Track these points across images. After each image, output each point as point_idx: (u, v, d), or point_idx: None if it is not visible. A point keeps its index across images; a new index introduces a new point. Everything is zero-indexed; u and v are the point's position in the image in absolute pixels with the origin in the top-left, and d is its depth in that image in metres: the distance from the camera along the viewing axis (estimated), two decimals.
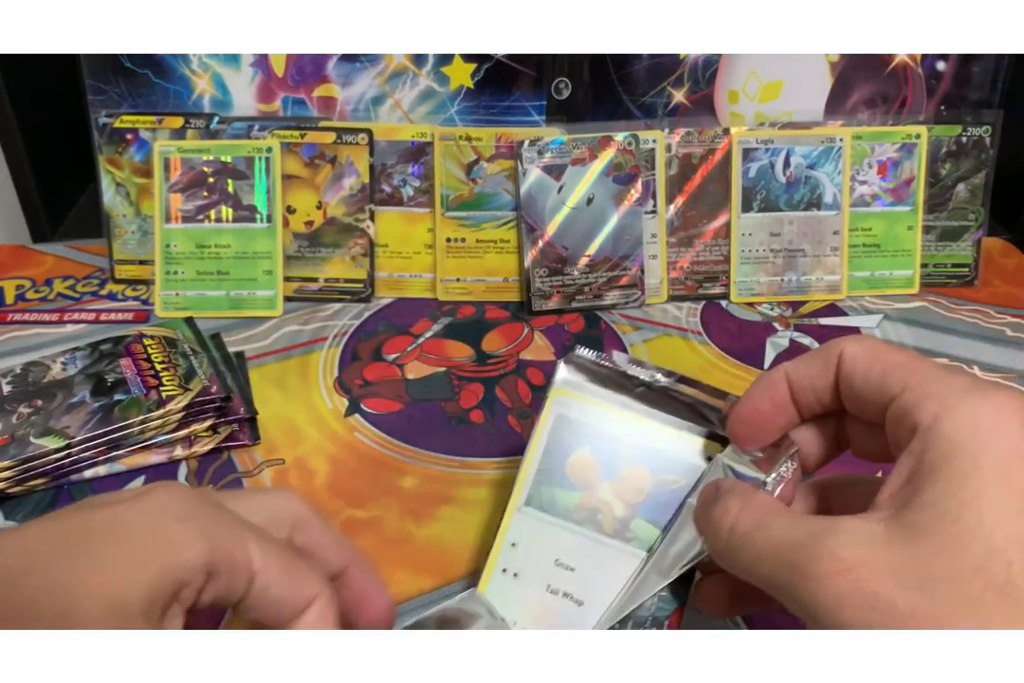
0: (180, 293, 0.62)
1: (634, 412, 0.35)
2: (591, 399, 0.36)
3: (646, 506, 0.34)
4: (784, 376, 0.30)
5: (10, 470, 0.45)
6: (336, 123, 0.64)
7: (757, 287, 0.64)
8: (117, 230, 0.64)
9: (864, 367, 0.28)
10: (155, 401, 0.48)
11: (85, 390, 0.49)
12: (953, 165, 0.65)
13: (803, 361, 0.30)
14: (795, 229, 0.64)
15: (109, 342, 0.53)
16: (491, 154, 0.62)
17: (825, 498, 0.33)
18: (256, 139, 0.62)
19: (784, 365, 0.30)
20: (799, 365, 0.30)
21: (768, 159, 0.63)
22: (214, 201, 0.62)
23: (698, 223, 0.64)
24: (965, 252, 0.67)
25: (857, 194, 0.65)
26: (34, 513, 0.45)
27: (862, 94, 0.67)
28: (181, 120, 0.62)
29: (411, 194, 0.63)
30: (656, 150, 0.62)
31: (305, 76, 0.64)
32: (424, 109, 0.65)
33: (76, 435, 0.46)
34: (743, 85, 0.66)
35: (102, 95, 0.63)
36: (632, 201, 0.62)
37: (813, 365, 0.29)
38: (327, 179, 0.63)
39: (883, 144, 0.64)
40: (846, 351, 0.28)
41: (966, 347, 0.60)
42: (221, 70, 0.63)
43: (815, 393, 0.30)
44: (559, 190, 0.62)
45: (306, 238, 0.63)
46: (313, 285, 0.63)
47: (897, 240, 0.65)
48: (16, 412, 0.47)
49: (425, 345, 0.59)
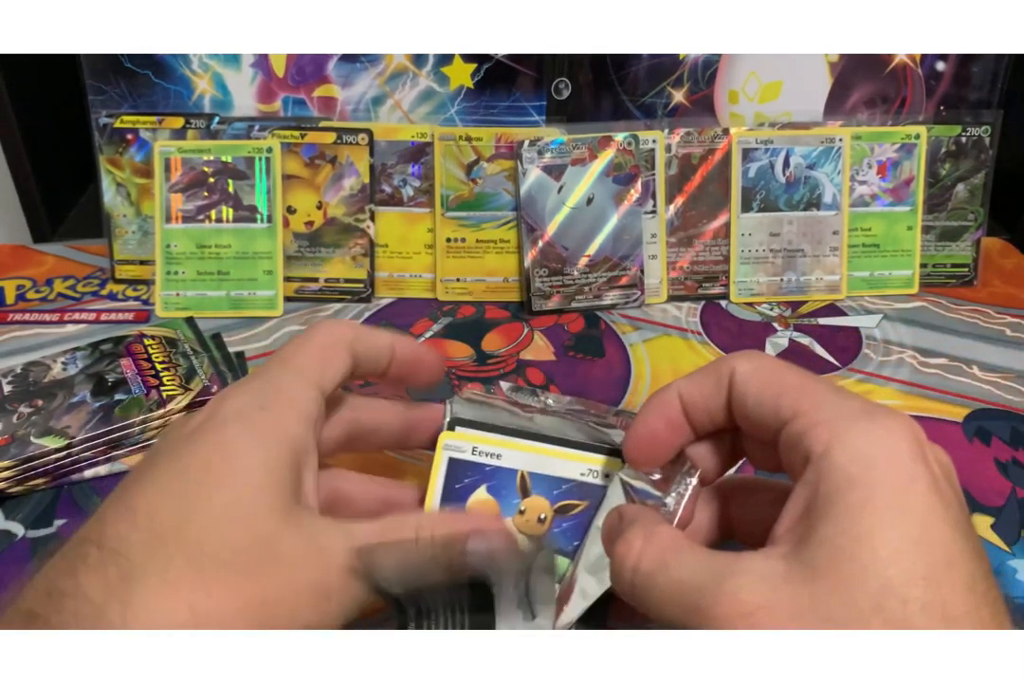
0: (180, 293, 0.62)
1: (527, 442, 0.35)
2: (482, 437, 0.35)
3: (551, 536, 0.34)
4: (677, 395, 0.30)
5: (10, 470, 0.45)
6: (336, 123, 0.64)
7: (757, 287, 0.64)
8: (117, 230, 0.64)
9: (756, 389, 0.27)
10: (156, 401, 0.48)
11: (86, 390, 0.49)
12: (953, 165, 0.65)
13: (695, 379, 0.30)
14: (795, 229, 0.64)
15: (110, 342, 0.53)
16: (491, 154, 0.62)
17: (726, 505, 0.32)
18: (256, 139, 0.62)
19: (676, 383, 0.30)
20: (691, 384, 0.30)
21: (768, 159, 0.63)
22: (214, 201, 0.62)
23: (698, 223, 0.64)
24: (965, 252, 0.67)
25: (857, 194, 0.65)
26: (35, 513, 0.45)
27: (862, 94, 0.67)
28: (181, 120, 0.62)
29: (411, 194, 0.64)
30: (656, 150, 0.62)
31: (305, 76, 0.64)
32: (424, 109, 0.65)
33: (76, 435, 0.46)
34: (743, 85, 0.66)
35: (102, 95, 0.63)
36: (632, 201, 0.62)
37: (705, 384, 0.29)
38: (327, 179, 0.63)
39: (883, 144, 0.64)
40: (737, 370, 0.28)
41: (966, 347, 0.60)
42: (221, 70, 0.63)
43: (708, 413, 0.29)
44: (559, 190, 0.62)
45: (306, 238, 0.63)
46: (313, 285, 0.63)
47: (897, 240, 0.65)
48: (16, 412, 0.47)
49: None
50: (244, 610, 0.23)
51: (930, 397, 0.55)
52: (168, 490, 0.25)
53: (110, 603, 0.22)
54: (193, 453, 0.26)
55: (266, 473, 0.25)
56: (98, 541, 0.24)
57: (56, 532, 0.44)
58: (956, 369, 0.58)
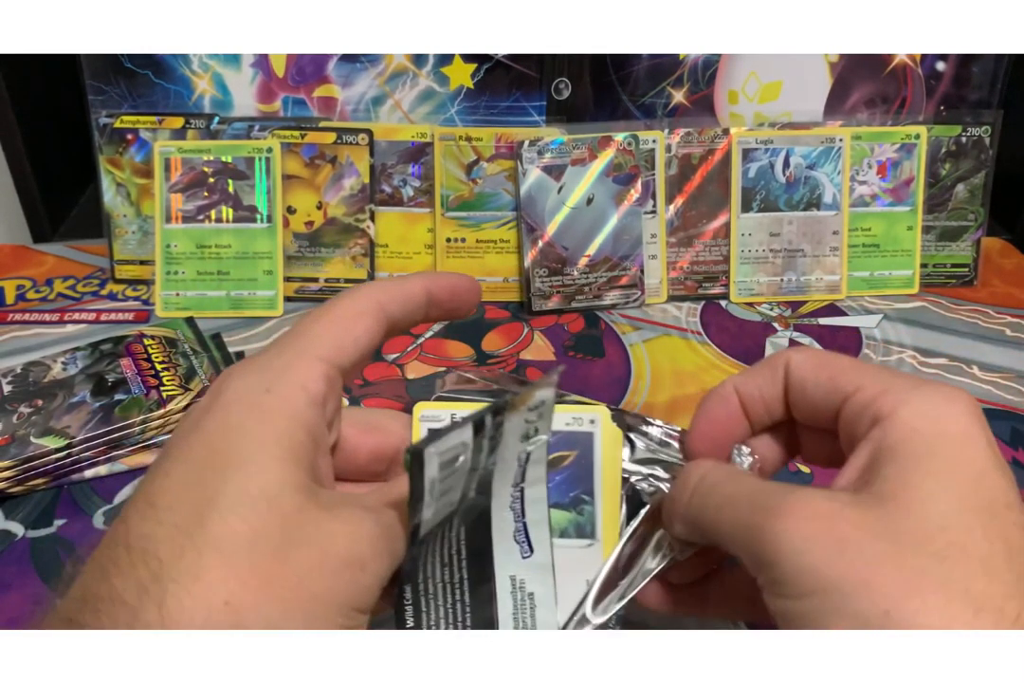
0: (180, 293, 0.62)
1: None
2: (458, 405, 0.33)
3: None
4: (734, 390, 0.31)
5: (10, 470, 0.45)
6: (336, 123, 0.64)
7: (757, 287, 0.64)
8: (117, 230, 0.64)
9: (813, 373, 0.29)
10: (156, 401, 0.48)
11: (85, 390, 0.49)
12: (953, 165, 0.65)
13: (751, 374, 0.31)
14: (795, 229, 0.64)
15: (109, 342, 0.53)
16: (491, 154, 0.62)
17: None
18: (256, 139, 0.62)
19: (732, 379, 0.31)
20: (747, 378, 0.31)
21: (768, 159, 0.63)
22: (214, 201, 0.62)
23: (698, 223, 0.64)
24: (965, 252, 0.67)
25: (857, 194, 0.65)
26: (35, 513, 0.45)
27: (862, 94, 0.67)
28: (181, 120, 0.62)
29: (411, 194, 0.64)
30: (656, 150, 0.62)
31: (305, 76, 0.64)
32: (424, 109, 0.65)
33: (76, 435, 0.46)
34: (743, 85, 0.66)
35: (102, 95, 0.63)
36: (632, 201, 0.62)
37: (761, 376, 0.30)
38: (327, 179, 0.63)
39: (883, 144, 0.64)
40: (792, 360, 0.29)
41: (966, 347, 0.60)
42: (221, 70, 0.63)
43: (765, 404, 0.30)
44: (559, 190, 0.62)
45: (306, 238, 0.63)
46: (313, 285, 0.63)
47: (897, 240, 0.65)
48: (16, 412, 0.47)
49: (425, 345, 0.59)
50: (281, 593, 0.23)
51: None
52: (183, 482, 0.24)
53: (145, 605, 0.22)
54: (200, 441, 0.25)
55: (278, 453, 0.25)
56: (125, 542, 0.23)
57: (56, 532, 0.44)
58: (956, 369, 0.58)
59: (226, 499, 0.23)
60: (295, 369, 0.27)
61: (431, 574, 0.27)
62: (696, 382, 0.56)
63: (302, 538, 0.23)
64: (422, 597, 0.27)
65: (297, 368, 0.27)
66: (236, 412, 0.26)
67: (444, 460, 0.23)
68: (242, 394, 0.26)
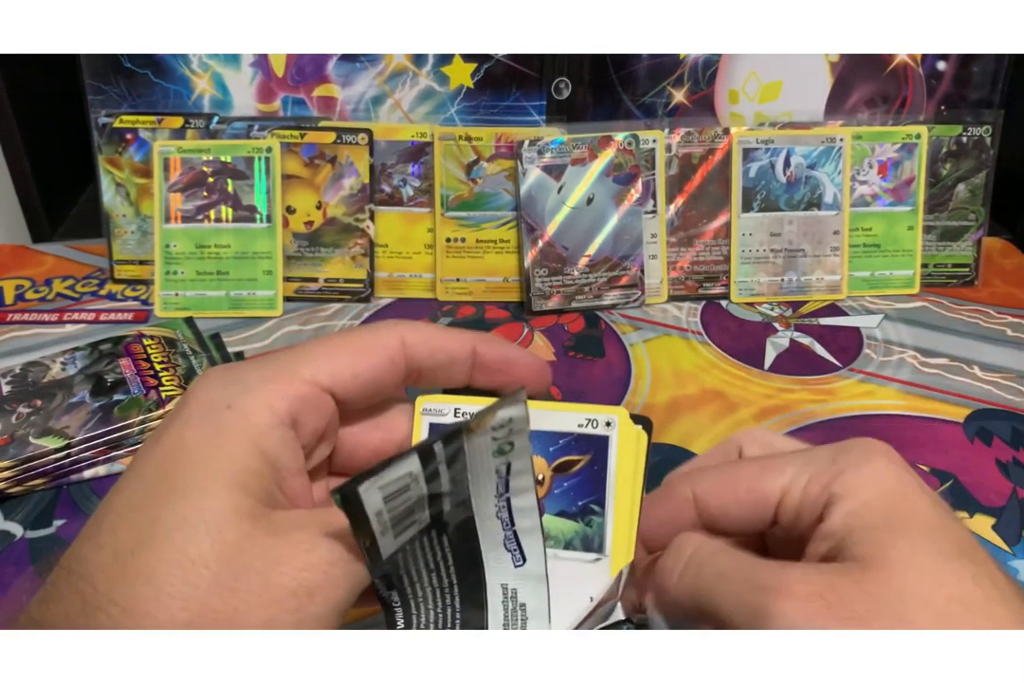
0: (180, 293, 0.62)
1: None
2: (464, 398, 0.31)
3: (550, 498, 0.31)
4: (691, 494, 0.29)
5: (10, 470, 0.45)
6: (336, 123, 0.64)
7: (757, 287, 0.64)
8: (117, 230, 0.64)
9: (725, 497, 0.28)
10: (155, 401, 0.48)
11: (85, 390, 0.49)
12: (953, 165, 0.65)
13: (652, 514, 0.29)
14: (795, 229, 0.64)
15: (109, 342, 0.53)
16: (491, 154, 0.62)
17: None
18: (256, 139, 0.62)
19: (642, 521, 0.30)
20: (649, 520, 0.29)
21: (768, 159, 0.63)
22: (214, 201, 0.62)
23: (698, 223, 0.64)
24: (965, 252, 0.67)
25: (857, 194, 0.65)
26: (34, 513, 0.45)
27: (862, 94, 0.67)
28: (181, 120, 0.62)
29: (411, 194, 0.63)
30: (656, 150, 0.62)
31: (305, 76, 0.64)
32: (424, 109, 0.65)
33: (76, 435, 0.46)
34: (743, 85, 0.66)
35: (102, 95, 0.63)
36: (632, 201, 0.62)
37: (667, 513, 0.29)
38: (327, 179, 0.63)
39: (883, 144, 0.64)
40: (696, 493, 0.28)
41: (966, 347, 0.60)
42: (221, 70, 0.63)
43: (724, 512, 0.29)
44: (559, 190, 0.62)
45: (306, 238, 0.63)
46: (313, 285, 0.63)
47: (897, 240, 0.65)
48: (16, 412, 0.47)
49: None
50: (215, 626, 0.22)
51: (931, 397, 0.55)
52: (128, 504, 0.23)
53: None
54: (153, 460, 0.24)
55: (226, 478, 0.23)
56: (67, 565, 0.23)
57: (55, 533, 0.44)
58: (957, 369, 0.58)
59: (164, 526, 0.22)
60: (267, 385, 0.26)
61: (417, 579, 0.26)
62: (696, 382, 0.56)
63: (242, 567, 0.22)
64: (411, 600, 0.26)
65: (270, 384, 0.26)
66: (193, 429, 0.24)
67: (389, 492, 0.23)
68: (204, 408, 0.25)
